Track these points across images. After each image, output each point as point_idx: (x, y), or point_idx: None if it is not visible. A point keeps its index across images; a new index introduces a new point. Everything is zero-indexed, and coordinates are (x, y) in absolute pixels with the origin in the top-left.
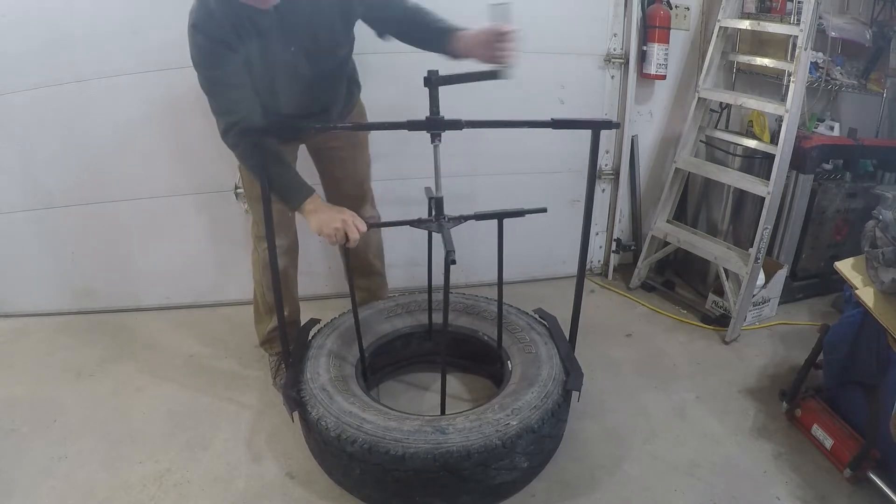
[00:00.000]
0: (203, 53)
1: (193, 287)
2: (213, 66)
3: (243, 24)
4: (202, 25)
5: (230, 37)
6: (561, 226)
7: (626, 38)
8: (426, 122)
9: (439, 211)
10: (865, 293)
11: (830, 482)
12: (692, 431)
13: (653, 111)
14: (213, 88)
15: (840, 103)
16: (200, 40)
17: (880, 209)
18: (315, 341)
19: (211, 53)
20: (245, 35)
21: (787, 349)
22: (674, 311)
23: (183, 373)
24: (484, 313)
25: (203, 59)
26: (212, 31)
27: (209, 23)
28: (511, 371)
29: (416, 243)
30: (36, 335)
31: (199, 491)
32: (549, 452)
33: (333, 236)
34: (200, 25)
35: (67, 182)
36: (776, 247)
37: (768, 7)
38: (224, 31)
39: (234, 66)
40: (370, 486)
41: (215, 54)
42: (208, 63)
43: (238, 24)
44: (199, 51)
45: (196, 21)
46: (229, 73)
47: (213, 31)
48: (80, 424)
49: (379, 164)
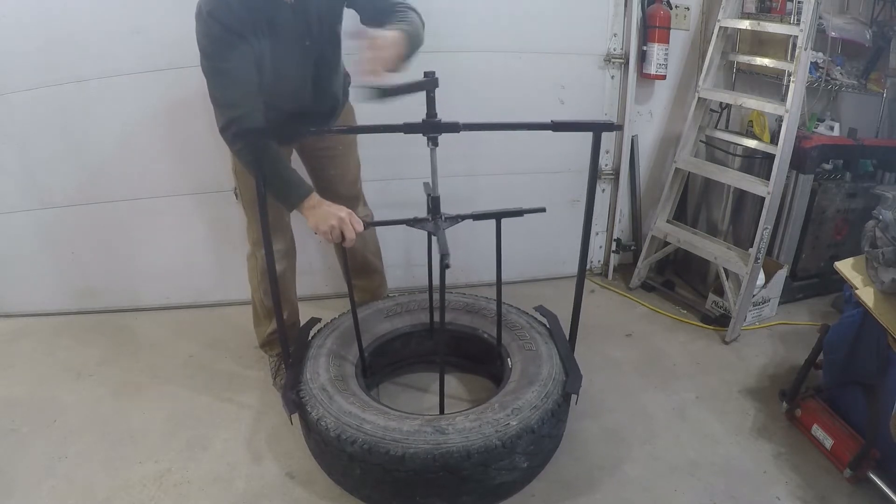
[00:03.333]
0: (215, 42)
1: (193, 287)
2: (224, 56)
3: (260, 17)
4: (219, 14)
5: (246, 28)
6: (561, 226)
7: (626, 38)
8: (423, 125)
9: (436, 210)
10: (865, 293)
11: (830, 482)
12: (692, 431)
13: (653, 111)
14: (218, 79)
15: (840, 103)
16: (215, 28)
17: (880, 209)
18: (315, 341)
19: (224, 43)
20: (260, 28)
21: (787, 349)
22: (674, 311)
23: (183, 373)
24: (484, 311)
25: (214, 48)
26: (229, 21)
27: (227, 12)
28: (511, 368)
29: (415, 243)
30: (36, 335)
31: (199, 491)
32: (548, 452)
33: (329, 234)
34: (216, 13)
35: (67, 182)
36: (776, 247)
37: (768, 7)
38: (241, 22)
39: (244, 59)
40: (370, 486)
41: (229, 44)
42: (219, 53)
43: (255, 16)
44: (211, 39)
45: (212, 9)
46: (239, 66)
47: (231, 20)
48: (80, 424)
49: (377, 166)
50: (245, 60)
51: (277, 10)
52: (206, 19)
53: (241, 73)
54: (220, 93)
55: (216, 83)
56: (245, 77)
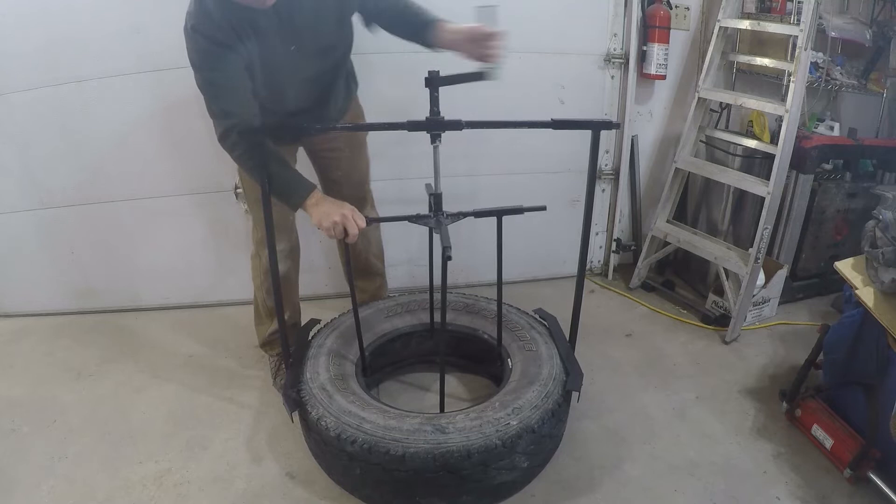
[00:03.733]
0: (203, 55)
1: (193, 287)
2: (213, 67)
3: (242, 25)
4: (202, 28)
5: (230, 38)
6: (561, 226)
7: (626, 38)
8: (426, 123)
9: (438, 207)
10: (865, 293)
11: (830, 482)
12: (692, 431)
13: (653, 111)
14: (211, 90)
15: (840, 103)
16: (201, 42)
17: (880, 209)
18: (315, 341)
19: (211, 55)
20: (244, 35)
21: (787, 349)
22: (674, 311)
23: (183, 373)
24: (484, 312)
25: (203, 60)
26: (211, 33)
27: (208, 24)
28: (511, 368)
29: (416, 244)
30: (36, 335)
31: (198, 491)
32: (549, 452)
33: (332, 230)
34: (200, 27)
35: (67, 182)
36: (776, 247)
37: (768, 7)
38: (223, 31)
39: (233, 67)
40: (370, 485)
41: (215, 55)
42: (208, 65)
43: (236, 24)
44: (199, 53)
45: (195, 23)
46: (229, 74)
47: (213, 32)
48: (80, 424)
49: (379, 165)
50: (235, 69)
51: (259, 17)
52: (191, 35)
53: (233, 82)
54: (215, 104)
55: (210, 95)
56: (237, 85)
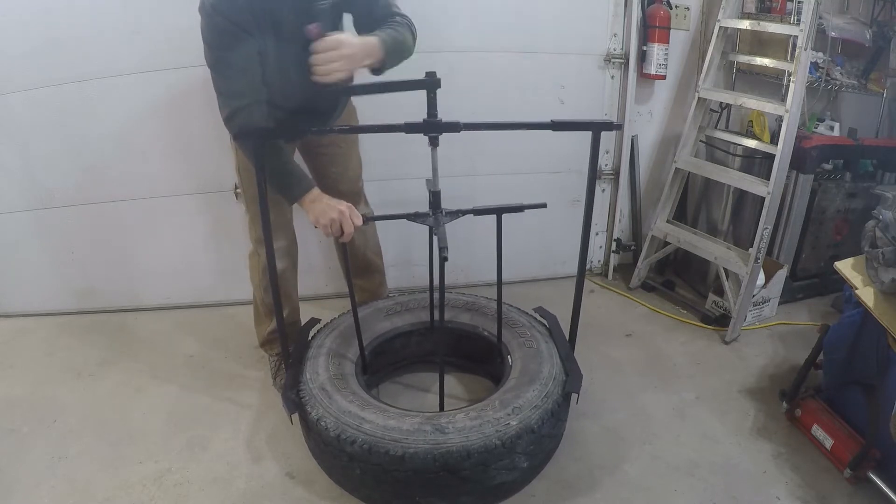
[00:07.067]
0: (218, 34)
1: (193, 287)
2: (228, 47)
3: (263, 14)
4: (222, 7)
5: (249, 24)
6: (561, 226)
7: (626, 38)
8: (423, 125)
9: (436, 205)
10: (865, 293)
11: (830, 482)
12: (692, 431)
13: (653, 111)
14: (223, 69)
15: (840, 103)
16: (219, 21)
17: (880, 209)
18: (315, 341)
19: (227, 34)
20: (262, 25)
21: (787, 349)
22: (674, 311)
23: (183, 373)
24: (484, 309)
25: (218, 39)
26: (232, 14)
27: (230, 5)
28: (511, 366)
29: (415, 243)
30: (36, 335)
31: (198, 491)
32: (548, 452)
33: (329, 227)
34: (221, 7)
35: (67, 182)
36: (776, 247)
37: (768, 7)
38: (244, 15)
39: (248, 50)
40: (370, 486)
41: (233, 35)
42: (223, 44)
43: (258, 13)
44: (215, 31)
45: (217, 3)
46: (242, 56)
47: (234, 13)
48: (80, 424)
49: (377, 165)
50: (249, 52)
51: (279, 9)
52: (210, 13)
53: (245, 64)
54: (223, 82)
55: (220, 72)
56: (249, 67)
